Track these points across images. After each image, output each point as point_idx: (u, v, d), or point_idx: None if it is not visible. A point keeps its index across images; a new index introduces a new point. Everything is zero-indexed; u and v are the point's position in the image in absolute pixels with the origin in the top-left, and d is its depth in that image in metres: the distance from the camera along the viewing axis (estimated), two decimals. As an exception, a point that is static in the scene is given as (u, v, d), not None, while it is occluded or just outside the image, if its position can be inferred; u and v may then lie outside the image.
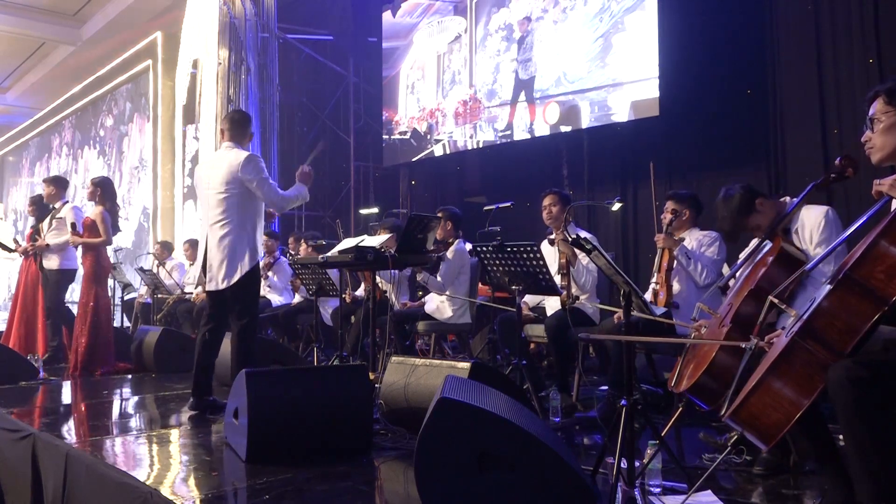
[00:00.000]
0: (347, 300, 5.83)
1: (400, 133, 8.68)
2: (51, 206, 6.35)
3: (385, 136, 8.92)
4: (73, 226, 5.83)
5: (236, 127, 4.13)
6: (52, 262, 6.21)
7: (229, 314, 4.08)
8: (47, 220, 6.31)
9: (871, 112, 2.12)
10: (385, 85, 8.94)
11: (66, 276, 6.23)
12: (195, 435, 3.61)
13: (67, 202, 6.27)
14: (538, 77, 7.17)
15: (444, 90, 8.16)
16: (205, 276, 4.09)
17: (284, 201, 4.12)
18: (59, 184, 6.43)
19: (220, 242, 3.98)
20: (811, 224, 2.82)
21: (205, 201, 4.11)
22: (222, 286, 3.98)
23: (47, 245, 6.18)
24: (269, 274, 6.82)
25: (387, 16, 8.87)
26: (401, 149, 8.72)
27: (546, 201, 4.49)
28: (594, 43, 6.61)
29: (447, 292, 5.00)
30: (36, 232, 6.53)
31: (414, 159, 8.57)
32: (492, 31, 7.61)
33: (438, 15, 8.23)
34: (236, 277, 3.96)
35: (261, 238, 4.16)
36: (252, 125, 4.25)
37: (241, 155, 3.97)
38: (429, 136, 8.35)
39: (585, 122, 6.65)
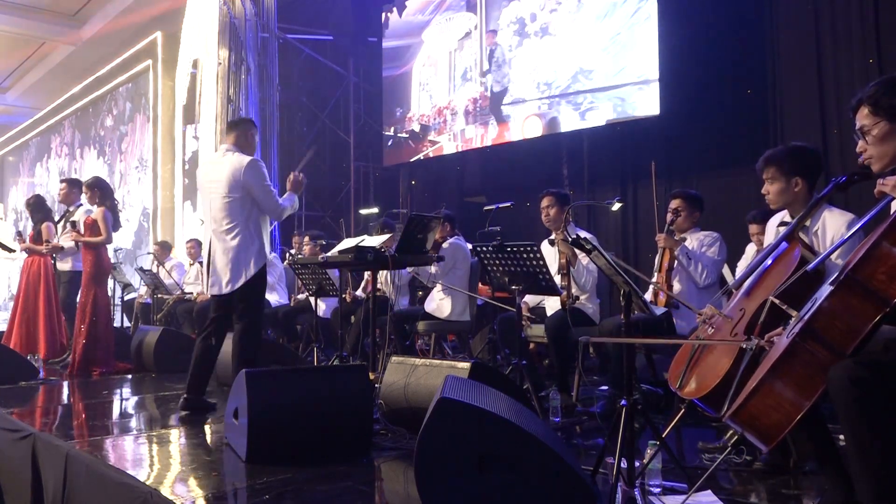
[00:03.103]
0: (348, 300, 5.84)
1: (406, 131, 8.64)
2: (68, 207, 6.32)
3: (390, 134, 8.86)
4: (74, 224, 5.84)
5: (235, 131, 4.17)
6: (65, 265, 6.34)
7: (233, 315, 4.08)
8: (61, 223, 6.34)
9: (857, 123, 2.10)
10: (398, 82, 8.85)
11: (78, 276, 6.20)
12: (195, 435, 3.61)
13: (81, 205, 6.19)
14: (523, 84, 7.23)
15: (456, 87, 8.11)
16: (208, 279, 4.08)
17: (282, 211, 4.13)
18: (76, 184, 6.41)
19: (226, 247, 3.98)
20: (833, 231, 2.69)
21: (209, 205, 4.11)
22: (226, 290, 3.99)
23: (61, 248, 6.24)
24: None
25: (394, 15, 8.84)
26: (403, 148, 8.69)
27: (543, 203, 4.46)
28: (593, 44, 6.62)
29: (440, 283, 5.00)
30: (37, 233, 6.54)
31: (412, 160, 8.56)
32: (503, 25, 7.55)
33: (451, 11, 8.17)
34: (241, 282, 3.97)
35: (267, 239, 4.14)
36: (256, 133, 4.25)
37: (244, 160, 3.99)
38: (422, 136, 8.33)
39: (570, 126, 6.72)
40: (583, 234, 3.58)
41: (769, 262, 2.66)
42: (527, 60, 7.26)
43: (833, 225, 2.69)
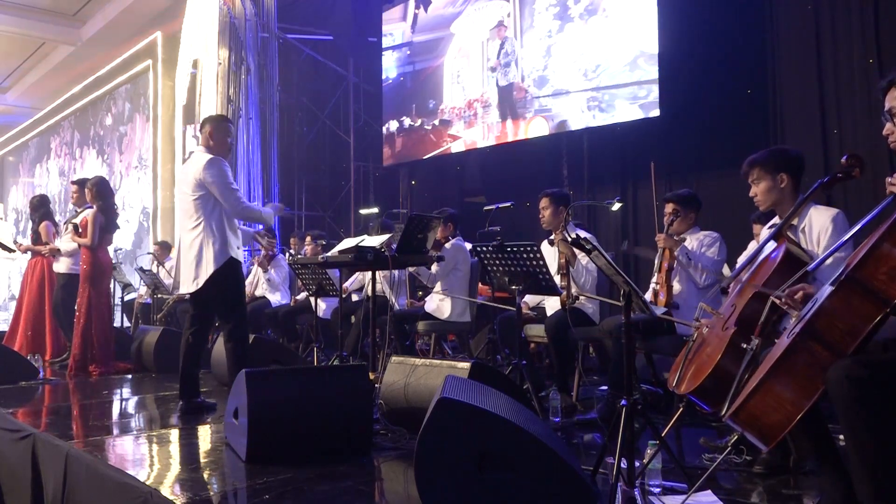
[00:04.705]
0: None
1: (430, 124, 8.47)
2: (76, 209, 6.26)
3: (416, 125, 8.74)
4: (76, 227, 5.83)
5: (202, 132, 4.21)
6: (60, 266, 6.26)
7: (217, 317, 4.11)
8: (64, 225, 6.31)
9: (886, 104, 2.07)
10: (434, 74, 8.60)
11: (74, 279, 6.11)
12: (195, 435, 3.62)
13: (92, 207, 5.96)
14: (529, 83, 7.14)
15: (487, 79, 7.88)
16: (180, 278, 4.14)
17: (244, 210, 4.13)
18: (85, 185, 6.32)
19: (189, 245, 4.03)
20: (819, 226, 2.72)
21: (179, 206, 4.22)
22: (193, 288, 4.02)
23: (58, 249, 6.22)
24: (269, 268, 6.83)
25: (421, 11, 8.75)
26: (425, 138, 8.56)
27: (540, 204, 4.45)
28: (594, 43, 6.61)
29: (439, 287, 5.00)
30: (36, 234, 6.54)
31: (426, 157, 8.45)
32: (539, 10, 7.24)
33: (482, 1, 7.93)
34: (204, 278, 3.98)
35: (233, 237, 4.09)
36: (229, 133, 4.20)
37: (205, 158, 4.03)
38: (442, 129, 8.27)
39: (578, 125, 6.64)
40: (582, 233, 3.58)
41: (759, 260, 2.73)
42: (570, 47, 6.85)
43: (818, 220, 2.74)
